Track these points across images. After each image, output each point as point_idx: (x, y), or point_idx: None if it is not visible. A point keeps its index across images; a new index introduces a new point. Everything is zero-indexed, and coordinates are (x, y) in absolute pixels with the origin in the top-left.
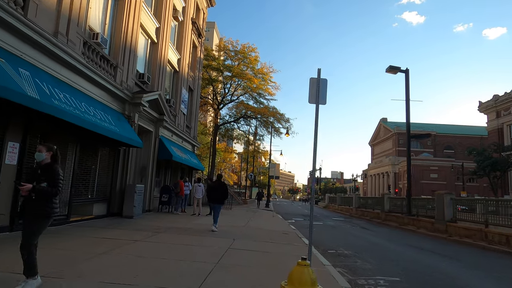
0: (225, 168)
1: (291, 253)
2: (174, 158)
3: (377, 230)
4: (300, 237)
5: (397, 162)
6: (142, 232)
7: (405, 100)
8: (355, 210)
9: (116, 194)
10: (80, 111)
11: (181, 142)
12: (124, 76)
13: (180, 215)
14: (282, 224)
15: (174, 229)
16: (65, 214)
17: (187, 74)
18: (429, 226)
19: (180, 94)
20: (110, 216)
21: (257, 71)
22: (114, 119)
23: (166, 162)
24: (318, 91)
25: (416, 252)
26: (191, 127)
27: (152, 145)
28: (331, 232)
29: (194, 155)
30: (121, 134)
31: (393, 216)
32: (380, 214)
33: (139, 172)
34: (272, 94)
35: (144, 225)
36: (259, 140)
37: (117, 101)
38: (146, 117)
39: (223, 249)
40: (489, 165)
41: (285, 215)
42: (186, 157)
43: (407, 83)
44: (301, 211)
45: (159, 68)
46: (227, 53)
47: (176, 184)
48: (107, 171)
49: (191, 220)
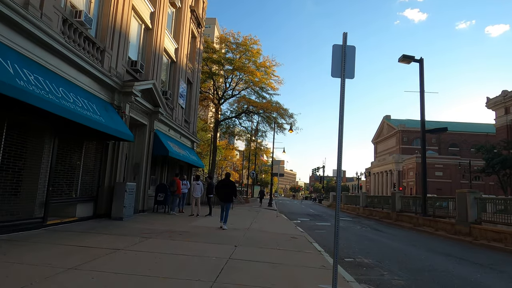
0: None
1: (306, 264)
2: (171, 154)
3: (392, 232)
4: (311, 242)
5: (401, 160)
6: (128, 238)
7: (419, 92)
8: (363, 209)
9: (104, 193)
10: (55, 96)
11: (179, 137)
12: (113, 62)
13: (177, 216)
14: (288, 226)
15: (166, 233)
16: (40, 217)
17: (186, 66)
18: (449, 228)
19: (177, 86)
20: (97, 218)
21: (260, 65)
22: (100, 109)
23: (163, 158)
24: (343, 61)
25: (445, 260)
26: (190, 122)
27: (146, 140)
28: (342, 234)
29: (193, 151)
30: (108, 125)
31: (405, 216)
32: (390, 214)
33: (132, 169)
34: (275, 88)
35: (133, 228)
36: (261, 137)
37: (104, 89)
38: (139, 109)
39: (222, 260)
40: (499, 162)
41: (289, 215)
42: (185, 154)
43: (421, 73)
44: (306, 210)
45: (154, 56)
46: (228, 46)
47: (172, 182)
48: (94, 168)
49: (188, 221)
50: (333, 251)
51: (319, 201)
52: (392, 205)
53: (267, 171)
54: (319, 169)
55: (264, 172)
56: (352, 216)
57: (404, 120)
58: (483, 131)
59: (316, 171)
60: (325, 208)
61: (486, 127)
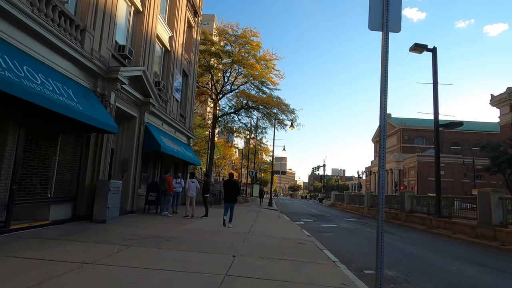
0: (225, 165)
1: (321, 281)
2: (164, 149)
3: (405, 236)
4: (322, 250)
5: (402, 159)
6: (104, 247)
7: (433, 84)
8: (368, 210)
9: (85, 192)
10: (13, 74)
11: (174, 132)
12: (95, 44)
13: (170, 218)
14: (292, 228)
15: (153, 240)
16: (2, 221)
17: (181, 56)
18: (469, 231)
19: (172, 77)
20: (77, 221)
21: (260, 58)
22: (78, 95)
23: (156, 154)
24: (386, 6)
25: (481, 271)
26: (186, 117)
27: (136, 133)
28: (352, 238)
29: (189, 148)
30: (87, 114)
31: (416, 217)
32: (399, 214)
33: (120, 165)
34: (276, 83)
35: (115, 233)
36: (261, 133)
37: (85, 74)
38: (128, 99)
39: (217, 278)
40: (505, 161)
41: (291, 215)
42: (180, 150)
43: (434, 63)
44: (307, 210)
45: (145, 42)
46: (226, 38)
47: (163, 180)
48: (73, 163)
49: (181, 224)
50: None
51: (320, 200)
52: (401, 205)
53: (266, 170)
54: (319, 167)
55: (264, 171)
56: (357, 216)
57: (405, 119)
58: (485, 129)
59: (316, 170)
60: (326, 207)
61: (488, 126)
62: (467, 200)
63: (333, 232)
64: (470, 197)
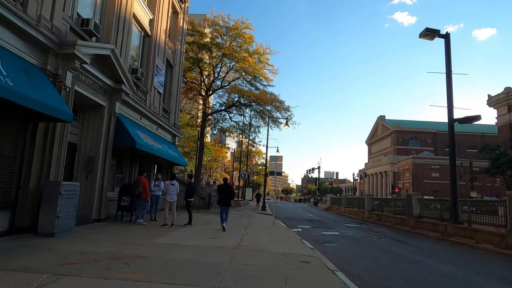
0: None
1: None
2: (140, 146)
3: (422, 246)
4: (334, 272)
5: (396, 161)
6: (28, 277)
7: (446, 73)
8: (368, 214)
9: (29, 197)
10: None
11: (156, 129)
12: (45, 10)
13: (145, 227)
14: (290, 239)
15: (105, 263)
16: None
17: (164, 44)
18: (497, 241)
19: (153, 66)
20: (16, 234)
21: (252, 52)
22: (13, 70)
23: (133, 153)
24: None
25: None
26: (170, 112)
27: (104, 126)
28: (362, 249)
29: (174, 146)
30: (24, 94)
31: (427, 223)
32: (406, 219)
33: (85, 164)
34: (270, 80)
35: (57, 252)
36: (254, 133)
37: (30, 46)
38: (93, 84)
39: None
40: (506, 162)
41: (287, 221)
42: (161, 148)
43: (447, 51)
44: (303, 214)
45: (118, 21)
46: (217, 30)
47: (136, 182)
48: (12, 159)
49: (155, 235)
50: None
51: (315, 203)
52: (408, 209)
53: (259, 173)
54: (314, 169)
55: (257, 173)
56: (357, 221)
57: (399, 120)
58: (479, 131)
59: (311, 172)
60: (322, 211)
61: (482, 128)
62: (484, 204)
63: (338, 241)
64: (490, 201)
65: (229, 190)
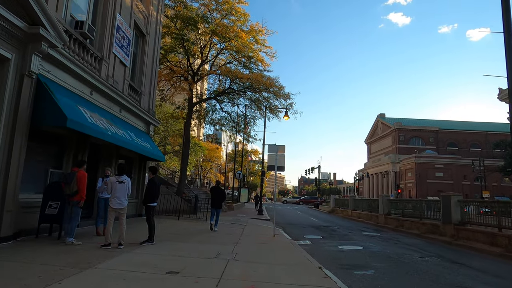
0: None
1: None
2: (76, 124)
3: (499, 273)
4: None
5: (398, 160)
6: None
7: (503, 33)
8: (384, 218)
9: None
10: None
11: (119, 111)
12: None
13: (75, 249)
14: (299, 263)
15: None
16: None
17: (132, 3)
18: None
19: (112, 26)
20: None
21: (247, 32)
22: None
23: (84, 139)
24: None
25: None
26: (142, 94)
27: (8, 92)
28: (412, 282)
29: (147, 136)
30: None
31: (476, 232)
32: (440, 227)
33: None
34: (266, 65)
35: None
36: (249, 124)
37: None
38: None
39: None
40: None
41: (289, 228)
42: (122, 134)
43: None
44: (307, 219)
45: None
46: (206, 5)
47: (69, 175)
48: None
49: (78, 267)
50: None
51: (316, 205)
52: (445, 214)
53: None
54: (313, 169)
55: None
56: (373, 227)
57: (400, 119)
58: (483, 129)
59: (310, 172)
60: (326, 215)
61: (486, 126)
62: None
63: (370, 265)
64: None
65: (221, 192)
